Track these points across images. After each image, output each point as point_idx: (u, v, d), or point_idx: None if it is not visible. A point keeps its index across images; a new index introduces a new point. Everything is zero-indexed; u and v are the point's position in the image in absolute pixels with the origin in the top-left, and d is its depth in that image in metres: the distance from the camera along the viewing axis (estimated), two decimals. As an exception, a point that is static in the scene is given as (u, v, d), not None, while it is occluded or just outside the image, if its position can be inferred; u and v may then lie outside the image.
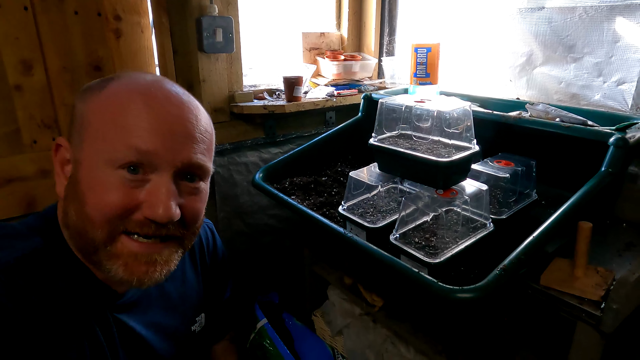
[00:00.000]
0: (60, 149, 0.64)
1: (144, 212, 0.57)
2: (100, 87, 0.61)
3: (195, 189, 0.63)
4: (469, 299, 0.68)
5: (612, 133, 0.87)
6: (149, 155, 0.57)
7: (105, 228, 0.57)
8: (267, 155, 1.60)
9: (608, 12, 1.11)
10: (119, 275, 0.59)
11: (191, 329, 0.84)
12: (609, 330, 0.73)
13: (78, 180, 0.59)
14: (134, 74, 0.64)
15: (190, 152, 0.60)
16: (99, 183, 0.57)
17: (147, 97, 0.59)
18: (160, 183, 0.58)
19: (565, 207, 0.80)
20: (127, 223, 0.58)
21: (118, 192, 0.57)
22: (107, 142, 0.57)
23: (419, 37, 1.64)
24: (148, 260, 0.60)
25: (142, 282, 0.60)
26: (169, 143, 0.58)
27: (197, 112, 0.63)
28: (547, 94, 1.29)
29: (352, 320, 1.31)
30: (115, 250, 0.59)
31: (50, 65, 1.12)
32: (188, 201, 0.62)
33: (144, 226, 0.58)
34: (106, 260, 0.59)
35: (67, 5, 1.11)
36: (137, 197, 0.57)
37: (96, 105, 0.60)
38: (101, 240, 0.58)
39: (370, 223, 0.91)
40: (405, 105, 0.89)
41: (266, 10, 1.60)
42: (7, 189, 1.10)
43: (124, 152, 0.56)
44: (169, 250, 0.62)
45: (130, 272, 0.59)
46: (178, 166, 0.59)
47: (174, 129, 0.59)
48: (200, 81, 1.35)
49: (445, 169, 0.82)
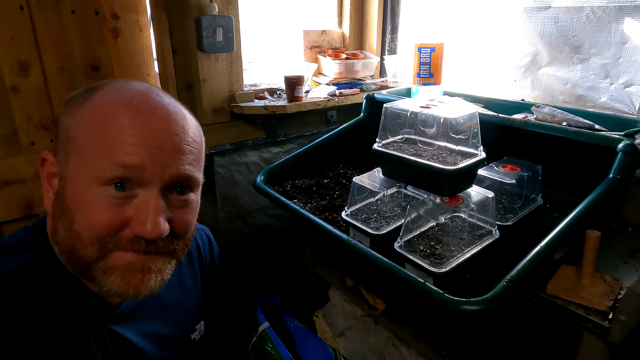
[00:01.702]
0: (46, 162, 0.62)
1: (133, 228, 0.56)
2: (84, 98, 0.59)
3: (184, 201, 0.62)
4: (475, 311, 0.67)
5: (620, 139, 0.86)
6: (136, 170, 0.55)
7: (95, 245, 0.56)
8: (267, 154, 1.59)
9: (616, 13, 1.09)
10: (115, 288, 0.58)
11: (191, 337, 0.83)
12: (616, 341, 0.72)
13: (65, 197, 0.58)
14: (119, 83, 0.62)
15: (178, 165, 0.59)
16: (86, 201, 0.56)
17: (132, 110, 0.57)
18: (148, 198, 0.57)
19: (572, 215, 0.78)
20: (117, 241, 0.57)
21: (106, 211, 0.55)
22: (92, 159, 0.56)
23: (422, 35, 1.61)
24: (143, 268, 0.59)
25: (139, 291, 0.59)
26: (155, 157, 0.56)
27: (185, 123, 0.61)
28: (553, 95, 1.27)
29: (353, 322, 1.31)
30: (109, 265, 0.58)
31: (48, 65, 1.10)
32: (177, 214, 0.61)
33: (134, 243, 0.57)
34: (101, 275, 0.58)
35: (64, 4, 1.09)
36: (125, 213, 0.56)
37: (80, 119, 0.58)
38: (92, 257, 0.57)
39: (374, 229, 0.90)
40: (410, 111, 0.87)
41: (267, 8, 1.57)
42: (5, 191, 1.09)
43: (110, 169, 0.55)
44: (161, 260, 0.61)
45: (127, 282, 0.58)
46: (166, 180, 0.58)
47: (160, 143, 0.57)
48: (200, 81, 1.33)
49: (452, 177, 0.81)
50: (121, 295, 0.59)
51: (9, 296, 0.55)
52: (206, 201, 1.48)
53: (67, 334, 0.60)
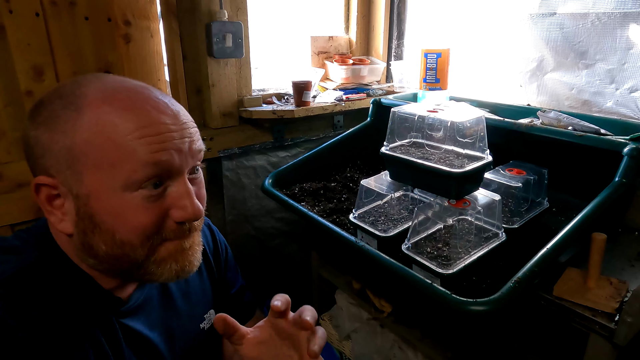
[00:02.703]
0: (42, 188, 0.58)
1: (175, 216, 0.59)
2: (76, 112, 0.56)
3: (197, 177, 0.65)
4: (482, 311, 0.68)
5: (626, 143, 0.87)
6: (165, 165, 0.57)
7: (145, 245, 0.59)
8: (275, 159, 1.60)
9: (621, 19, 1.10)
10: (173, 273, 0.62)
11: (200, 326, 0.83)
12: (623, 342, 0.73)
13: (92, 213, 0.57)
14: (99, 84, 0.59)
15: (194, 146, 0.62)
16: (123, 209, 0.57)
17: (136, 111, 0.57)
18: (182, 186, 0.60)
19: (578, 219, 0.79)
20: (162, 233, 0.60)
21: (146, 211, 0.57)
22: (116, 168, 0.55)
23: (428, 41, 1.63)
24: (191, 245, 0.63)
25: (193, 266, 0.64)
26: (176, 146, 0.59)
27: (177, 105, 0.63)
28: (558, 100, 1.28)
29: (360, 325, 1.31)
30: (162, 256, 0.61)
31: (61, 70, 1.12)
32: (197, 191, 0.64)
33: (178, 231, 0.61)
34: (155, 268, 0.61)
35: (78, 11, 1.11)
36: (162, 207, 0.59)
37: (84, 136, 0.56)
38: (143, 255, 0.59)
39: (381, 232, 0.91)
40: (417, 115, 0.88)
41: (275, 14, 1.59)
42: (17, 193, 1.10)
43: (142, 171, 0.56)
44: (196, 233, 0.66)
45: (182, 264, 0.62)
46: (190, 164, 0.61)
47: (173, 132, 0.59)
48: (209, 86, 1.35)
49: (459, 180, 0.82)
50: (178, 277, 0.63)
51: (16, 294, 0.56)
52: (214, 204, 1.50)
53: (76, 330, 0.60)
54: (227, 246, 0.96)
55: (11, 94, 1.06)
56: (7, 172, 1.08)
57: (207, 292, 0.87)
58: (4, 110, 1.06)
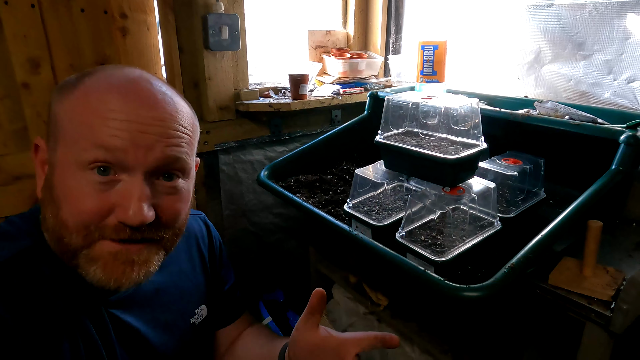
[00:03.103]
0: (39, 149, 0.62)
1: (117, 215, 0.56)
2: (74, 85, 0.59)
3: (172, 187, 0.61)
4: (475, 297, 0.67)
5: (622, 131, 0.86)
6: (118, 153, 0.55)
7: (80, 233, 0.57)
8: (272, 153, 1.60)
9: (619, 9, 1.09)
10: (97, 278, 0.58)
11: (190, 321, 0.83)
12: (619, 330, 0.72)
13: (53, 184, 0.58)
14: (111, 70, 0.62)
15: (163, 147, 0.58)
16: (71, 188, 0.56)
17: (118, 95, 0.57)
18: (132, 184, 0.56)
19: (574, 206, 0.78)
20: (101, 229, 0.57)
21: (90, 197, 0.56)
22: (76, 143, 0.56)
23: (426, 35, 1.63)
24: (126, 260, 0.59)
25: (120, 283, 0.59)
26: (139, 140, 0.56)
27: (173, 110, 0.60)
28: (556, 92, 1.27)
29: (356, 319, 1.31)
30: (94, 254, 0.58)
31: (58, 63, 1.12)
32: (165, 201, 0.60)
33: (119, 231, 0.57)
34: (85, 263, 0.58)
35: (74, 3, 1.11)
36: (109, 200, 0.56)
37: (68, 105, 0.58)
38: (78, 245, 0.57)
39: (375, 221, 0.90)
40: (412, 102, 0.88)
41: (272, 8, 1.59)
42: (14, 186, 1.11)
43: (90, 151, 0.55)
44: (148, 250, 0.61)
45: (109, 273, 0.58)
46: (151, 164, 0.57)
47: (144, 128, 0.56)
48: (206, 79, 1.35)
49: (453, 166, 0.81)
50: (102, 286, 0.59)
51: (5, 281, 0.55)
52: (211, 198, 1.49)
53: (65, 318, 0.60)
54: (222, 243, 0.95)
55: (7, 86, 1.06)
56: (4, 164, 1.09)
57: (200, 288, 0.87)
58: (0, 103, 1.07)
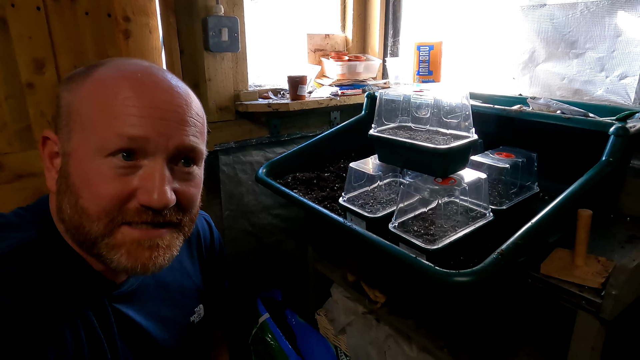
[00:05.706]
0: (48, 142, 0.62)
1: (139, 198, 0.56)
2: (86, 74, 0.60)
3: (188, 173, 0.63)
4: (465, 282, 0.68)
5: (612, 123, 0.87)
6: (141, 141, 0.56)
7: (102, 220, 0.56)
8: (271, 154, 1.62)
9: (609, 7, 1.11)
10: (122, 265, 0.58)
11: (190, 319, 0.83)
12: (609, 317, 0.72)
13: (69, 173, 0.58)
14: (121, 60, 0.63)
15: (183, 135, 0.59)
16: (91, 174, 0.56)
17: (135, 82, 0.58)
18: (154, 168, 0.57)
19: (565, 194, 0.80)
20: (124, 213, 0.57)
21: (112, 181, 0.56)
22: (95, 132, 0.56)
23: (423, 37, 1.65)
24: (151, 244, 0.59)
25: (147, 267, 0.59)
26: (160, 128, 0.57)
27: (188, 97, 0.62)
28: (550, 90, 1.29)
29: (355, 318, 1.31)
30: (116, 241, 0.58)
31: (62, 64, 1.15)
32: (183, 186, 0.61)
33: (141, 214, 0.57)
34: (107, 252, 0.58)
35: (79, 6, 1.15)
36: (130, 184, 0.56)
37: (83, 94, 0.58)
38: (99, 233, 0.57)
39: (370, 213, 0.91)
40: (403, 95, 0.90)
41: (272, 11, 1.63)
42: (18, 184, 1.12)
43: (114, 141, 0.55)
44: (170, 235, 0.61)
45: (135, 258, 0.58)
46: (171, 150, 0.58)
47: (164, 114, 0.58)
48: (206, 80, 1.38)
49: (444, 157, 0.83)
50: (129, 271, 0.59)
51: (11, 271, 0.55)
52: (211, 199, 1.51)
53: (69, 309, 0.60)
54: (222, 242, 0.96)
55: (12, 86, 1.09)
56: (8, 163, 1.11)
57: (200, 286, 0.87)
58: (5, 102, 1.09)
